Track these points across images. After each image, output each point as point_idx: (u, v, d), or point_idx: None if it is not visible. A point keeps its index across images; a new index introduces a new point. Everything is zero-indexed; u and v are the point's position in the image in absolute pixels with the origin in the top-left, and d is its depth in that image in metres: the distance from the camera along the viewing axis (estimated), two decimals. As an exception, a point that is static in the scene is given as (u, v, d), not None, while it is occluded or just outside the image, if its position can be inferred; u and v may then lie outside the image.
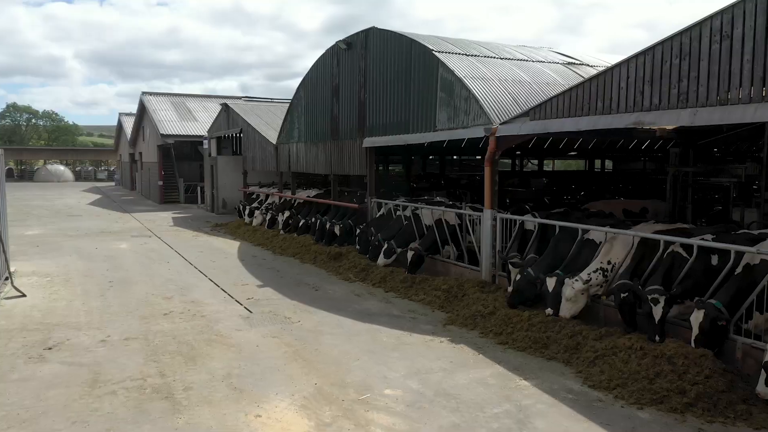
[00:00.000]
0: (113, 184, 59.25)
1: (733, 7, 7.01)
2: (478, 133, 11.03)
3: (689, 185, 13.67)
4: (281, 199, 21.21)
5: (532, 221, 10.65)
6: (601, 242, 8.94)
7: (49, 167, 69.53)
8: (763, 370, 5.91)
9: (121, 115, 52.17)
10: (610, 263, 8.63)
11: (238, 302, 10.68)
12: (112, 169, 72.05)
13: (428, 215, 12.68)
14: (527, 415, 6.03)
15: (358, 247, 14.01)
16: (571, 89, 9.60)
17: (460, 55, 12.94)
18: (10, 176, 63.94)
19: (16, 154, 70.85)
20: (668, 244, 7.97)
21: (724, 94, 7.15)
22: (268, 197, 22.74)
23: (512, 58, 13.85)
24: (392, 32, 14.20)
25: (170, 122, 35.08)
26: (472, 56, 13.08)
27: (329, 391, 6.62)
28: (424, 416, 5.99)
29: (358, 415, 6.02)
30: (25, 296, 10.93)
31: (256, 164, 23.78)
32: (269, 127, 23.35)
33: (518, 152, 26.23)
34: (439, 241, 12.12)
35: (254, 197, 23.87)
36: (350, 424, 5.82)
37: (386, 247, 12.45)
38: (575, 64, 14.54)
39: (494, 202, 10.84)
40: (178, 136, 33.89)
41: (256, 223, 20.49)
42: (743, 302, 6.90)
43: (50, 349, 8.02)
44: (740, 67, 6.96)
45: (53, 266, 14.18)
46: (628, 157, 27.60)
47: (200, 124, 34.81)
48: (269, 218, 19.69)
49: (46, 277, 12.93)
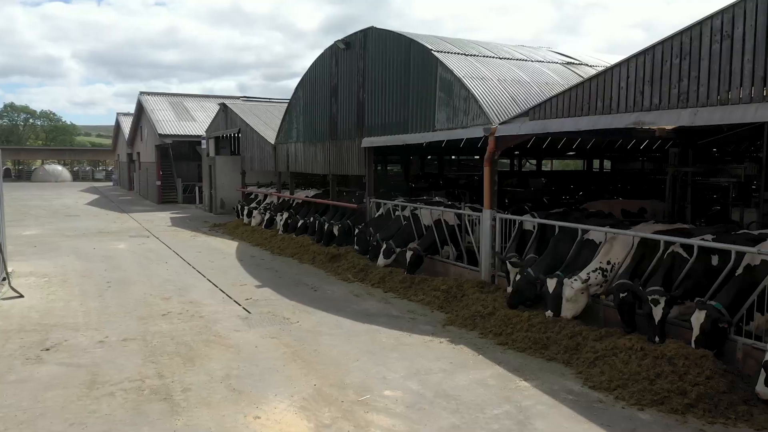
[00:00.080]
0: (111, 184, 59.17)
1: (733, 6, 6.99)
2: (477, 133, 11.01)
3: (688, 185, 13.66)
4: (280, 199, 21.18)
5: (531, 221, 10.62)
6: (600, 242, 8.92)
7: (46, 167, 69.46)
8: (762, 369, 5.89)
9: (118, 115, 52.08)
10: (609, 263, 8.61)
11: (236, 303, 10.65)
12: (109, 169, 71.98)
13: (427, 215, 12.65)
14: (527, 416, 6.01)
15: (356, 247, 13.97)
16: (570, 89, 9.58)
17: (459, 54, 12.92)
18: (7, 176, 64.03)
19: (13, 154, 70.70)
20: (668, 244, 7.94)
21: (724, 93, 7.13)
22: (266, 197, 22.70)
23: (511, 57, 13.84)
24: (391, 32, 14.16)
25: (168, 122, 35.03)
26: (471, 56, 13.06)
27: (328, 392, 6.59)
28: (424, 417, 5.97)
29: (357, 416, 5.99)
30: (22, 297, 10.89)
31: (254, 164, 23.74)
32: (267, 127, 23.31)
33: (516, 152, 26.23)
34: (438, 241, 12.09)
35: (252, 197, 23.83)
36: (350, 425, 5.79)
37: (385, 247, 12.41)
38: (574, 63, 14.53)
39: (493, 202, 10.82)
40: (176, 136, 33.85)
41: (254, 223, 20.45)
42: (744, 303, 6.88)
43: (48, 350, 7.98)
44: (741, 66, 6.94)
45: (51, 266, 14.13)
46: (626, 157, 27.58)
47: (198, 124, 34.77)
48: (267, 218, 19.66)
49: (43, 277, 12.88)
